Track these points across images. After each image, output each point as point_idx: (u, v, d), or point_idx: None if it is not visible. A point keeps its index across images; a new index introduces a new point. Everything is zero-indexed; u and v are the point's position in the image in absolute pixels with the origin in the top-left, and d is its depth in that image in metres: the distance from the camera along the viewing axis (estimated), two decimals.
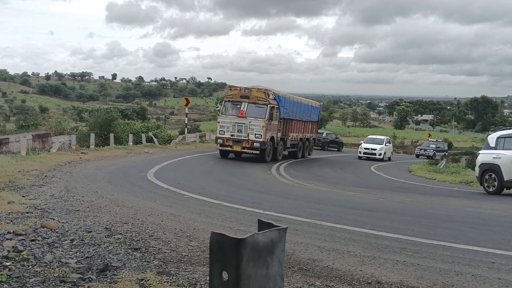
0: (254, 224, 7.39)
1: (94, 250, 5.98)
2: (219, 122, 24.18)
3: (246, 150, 23.54)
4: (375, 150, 36.16)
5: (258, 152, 23.39)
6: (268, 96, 23.99)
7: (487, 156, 17.07)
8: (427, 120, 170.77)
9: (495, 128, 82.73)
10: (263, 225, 1.98)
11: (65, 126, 36.62)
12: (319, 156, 34.33)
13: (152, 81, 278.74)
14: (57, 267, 5.18)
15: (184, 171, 17.42)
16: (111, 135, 26.73)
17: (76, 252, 5.85)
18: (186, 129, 38.36)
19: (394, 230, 8.32)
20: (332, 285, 5.17)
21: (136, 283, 4.75)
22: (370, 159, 35.32)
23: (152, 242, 6.62)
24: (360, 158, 35.93)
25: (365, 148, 36.46)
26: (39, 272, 4.97)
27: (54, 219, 7.57)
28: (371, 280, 5.39)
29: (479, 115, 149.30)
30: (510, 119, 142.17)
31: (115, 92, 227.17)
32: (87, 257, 5.67)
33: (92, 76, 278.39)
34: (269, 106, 23.35)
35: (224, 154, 24.70)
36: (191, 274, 5.28)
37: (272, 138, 24.27)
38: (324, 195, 14.03)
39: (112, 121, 33.19)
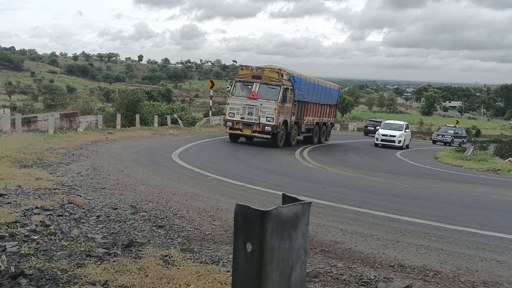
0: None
1: (119, 226, 6.08)
2: (228, 104, 22.66)
3: (256, 134, 21.97)
4: (394, 137, 32.03)
5: (269, 136, 21.90)
6: (282, 76, 22.41)
7: None
8: (455, 106, 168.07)
9: None
10: (287, 199, 1.99)
11: (92, 106, 37.08)
12: (342, 141, 34.10)
13: (177, 63, 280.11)
14: (83, 241, 5.28)
15: (208, 153, 17.51)
16: (137, 116, 26.98)
17: (102, 228, 5.96)
18: (211, 111, 38.45)
19: (418, 215, 8.26)
20: (354, 267, 5.17)
21: (160, 259, 4.82)
22: (387, 146, 31.40)
23: (176, 220, 6.70)
24: (376, 145, 31.95)
25: (382, 135, 32.21)
26: (66, 246, 5.08)
27: (80, 196, 7.71)
28: (394, 263, 5.37)
29: (509, 103, 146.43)
30: None
31: (141, 74, 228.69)
32: (112, 233, 5.77)
33: (118, 57, 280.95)
34: (282, 87, 21.76)
35: (233, 138, 23.18)
36: (214, 252, 5.34)
37: (285, 122, 22.63)
38: (348, 179, 13.96)
39: (138, 102, 33.50)
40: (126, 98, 33.80)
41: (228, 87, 22.82)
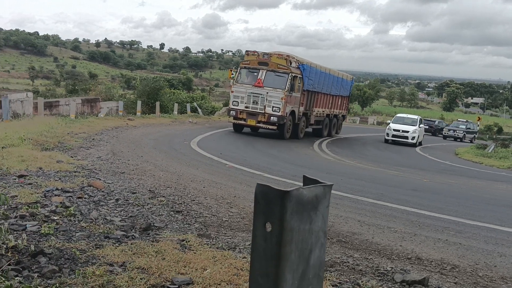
0: None
1: (138, 210, 6.14)
2: (232, 92, 21.07)
3: (261, 125, 20.56)
4: (407, 132, 28.53)
5: (275, 127, 20.47)
6: (290, 63, 20.86)
7: None
8: (478, 103, 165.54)
9: None
10: (308, 180, 1.98)
11: (113, 93, 37.36)
12: (361, 134, 33.86)
13: (198, 52, 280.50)
14: (102, 223, 5.34)
15: (226, 142, 17.55)
16: (157, 104, 27.13)
17: (121, 211, 6.02)
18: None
19: (437, 209, 8.19)
20: (370, 258, 5.14)
21: (177, 243, 4.85)
22: (398, 143, 28.17)
23: (194, 206, 6.73)
24: (386, 141, 28.75)
25: (394, 130, 28.79)
26: (85, 227, 5.15)
27: (100, 179, 7.79)
28: (411, 255, 5.33)
29: None
30: None
31: (162, 62, 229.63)
32: (131, 216, 5.82)
33: (140, 45, 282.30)
34: (290, 75, 20.21)
35: (237, 128, 21.79)
36: (230, 238, 5.36)
37: (292, 113, 21.16)
38: (366, 172, 13.88)
39: (159, 90, 33.64)
40: (147, 85, 33.96)
41: (232, 74, 21.90)
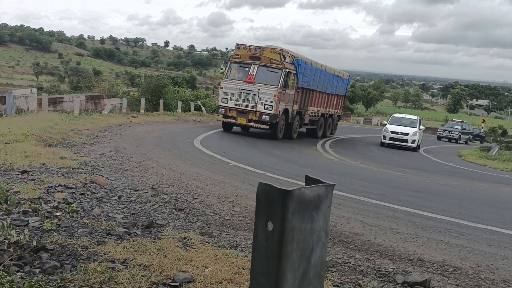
0: None
1: (140, 207, 6.15)
2: (221, 88, 19.79)
3: (252, 124, 19.41)
4: (407, 135, 25.57)
5: (267, 127, 19.20)
6: (284, 58, 19.57)
7: None
8: (482, 105, 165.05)
9: None
10: (310, 180, 1.98)
11: (117, 90, 37.42)
12: (365, 135, 33.81)
13: (203, 50, 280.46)
14: (104, 220, 5.35)
15: (229, 141, 17.55)
16: (161, 101, 27.15)
17: (123, 208, 6.03)
18: None
19: (440, 211, 8.17)
20: (372, 258, 5.14)
21: (179, 241, 4.86)
22: (395, 146, 25.42)
23: (196, 204, 6.74)
24: (382, 145, 25.89)
25: (392, 132, 25.83)
26: (87, 223, 5.15)
27: (103, 176, 7.80)
28: (413, 257, 5.33)
29: None
30: None
31: (166, 60, 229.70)
32: (133, 213, 5.83)
33: (145, 42, 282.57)
34: (284, 70, 18.96)
35: (227, 127, 20.56)
36: (232, 237, 5.36)
37: (285, 111, 19.91)
38: (369, 173, 13.87)
39: (163, 87, 33.65)
40: (151, 83, 33.99)
41: (222, 68, 20.70)
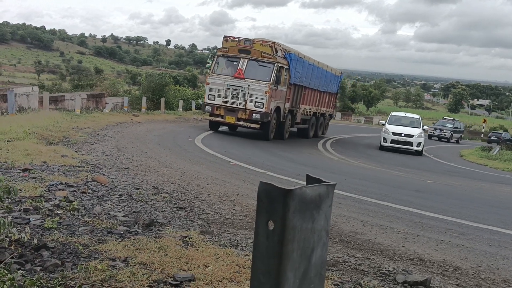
0: None
1: (141, 206, 6.15)
2: (208, 84, 18.36)
3: (241, 123, 18.10)
4: (411, 137, 22.68)
5: (258, 126, 17.96)
6: (276, 52, 18.23)
7: None
8: (483, 105, 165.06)
9: None
10: (311, 180, 1.98)
11: (118, 88, 37.46)
12: (366, 134, 33.80)
13: (204, 49, 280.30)
14: (105, 218, 5.36)
15: (230, 140, 17.55)
16: (162, 100, 27.16)
17: (124, 206, 6.04)
18: None
19: (440, 211, 8.17)
20: (373, 258, 5.14)
21: (180, 239, 4.86)
22: (399, 151, 22.67)
23: (197, 203, 6.75)
24: (382, 148, 23.23)
25: (394, 134, 22.85)
26: (88, 222, 5.16)
27: (104, 175, 7.81)
28: (414, 256, 5.33)
29: None
30: None
31: (168, 58, 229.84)
32: (134, 212, 5.84)
33: (146, 41, 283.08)
34: (276, 65, 17.60)
35: (214, 126, 19.22)
36: (233, 236, 5.36)
37: (277, 109, 18.53)
38: (370, 172, 13.87)
39: (165, 86, 33.70)
40: (152, 81, 34.04)
41: (208, 63, 19.22)
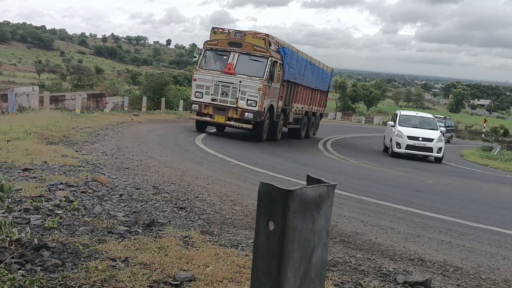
0: None
1: (141, 206, 6.15)
2: (195, 80, 16.83)
3: (232, 123, 16.61)
4: (431, 141, 19.86)
5: (250, 126, 16.52)
6: (270, 45, 16.78)
7: None
8: (484, 105, 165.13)
9: None
10: (311, 180, 1.98)
11: (119, 88, 37.43)
12: (367, 134, 33.81)
13: None
14: (105, 218, 5.36)
15: (231, 139, 17.54)
16: (163, 100, 27.14)
17: (124, 206, 6.03)
18: None
19: (441, 211, 8.16)
20: (373, 258, 5.14)
21: (180, 239, 4.86)
22: (415, 158, 20.15)
23: (197, 203, 6.74)
24: (394, 155, 20.04)
25: (409, 137, 19.80)
26: (88, 222, 5.16)
27: (104, 174, 7.81)
28: (414, 257, 5.32)
29: None
30: None
31: (168, 58, 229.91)
32: (134, 211, 5.84)
33: (147, 41, 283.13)
34: (270, 59, 16.14)
35: (201, 127, 17.74)
36: (233, 236, 5.36)
37: (271, 108, 17.07)
38: (371, 172, 13.87)
39: (165, 85, 33.66)
40: (153, 81, 34.01)
41: (195, 57, 17.59)
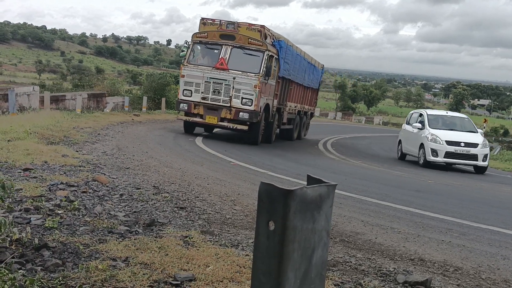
0: None
1: (141, 205, 6.15)
2: (183, 76, 15.27)
3: (226, 124, 15.19)
4: (475, 147, 16.05)
5: (245, 127, 15.08)
6: (265, 38, 15.28)
7: None
8: (484, 105, 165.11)
9: None
10: (312, 180, 1.99)
11: (119, 88, 37.41)
12: (367, 134, 33.83)
13: None
14: (106, 218, 5.36)
15: (231, 140, 17.54)
16: (163, 100, 27.16)
17: (125, 206, 6.04)
18: None
19: (441, 211, 8.16)
20: (373, 258, 5.14)
21: (180, 239, 4.86)
22: (455, 168, 17.24)
23: (198, 203, 6.75)
24: (427, 164, 16.31)
25: (448, 143, 15.96)
26: (89, 221, 5.17)
27: (105, 174, 7.81)
28: (414, 257, 5.33)
29: None
30: None
31: (168, 58, 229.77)
32: (134, 211, 5.84)
33: (147, 41, 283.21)
34: (266, 54, 14.69)
35: (189, 128, 16.43)
36: (233, 236, 5.36)
37: (266, 107, 15.63)
38: (371, 172, 13.87)
39: (165, 86, 33.67)
40: (153, 81, 34.02)
41: (183, 51, 15.85)
